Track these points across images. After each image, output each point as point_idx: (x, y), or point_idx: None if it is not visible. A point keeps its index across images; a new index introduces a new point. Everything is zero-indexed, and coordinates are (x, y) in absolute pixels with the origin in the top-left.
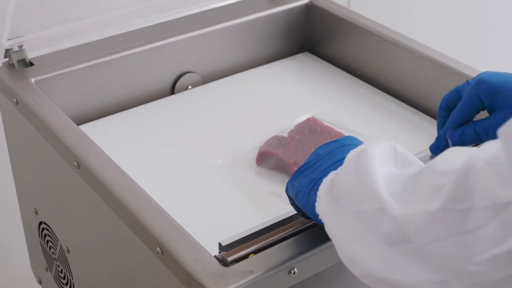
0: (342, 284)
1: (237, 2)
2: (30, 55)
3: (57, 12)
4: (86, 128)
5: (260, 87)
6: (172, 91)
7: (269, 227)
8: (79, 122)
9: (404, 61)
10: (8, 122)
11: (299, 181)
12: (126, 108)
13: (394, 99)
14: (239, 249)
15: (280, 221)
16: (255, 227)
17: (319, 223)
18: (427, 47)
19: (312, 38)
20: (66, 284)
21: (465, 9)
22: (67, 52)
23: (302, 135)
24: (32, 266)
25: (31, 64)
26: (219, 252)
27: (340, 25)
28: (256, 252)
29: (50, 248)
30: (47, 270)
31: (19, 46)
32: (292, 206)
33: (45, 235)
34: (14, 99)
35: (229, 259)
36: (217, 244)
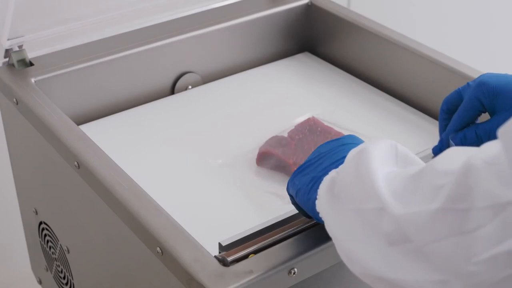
0: (342, 284)
1: (237, 2)
2: (30, 55)
3: (57, 12)
4: (86, 128)
5: (260, 87)
6: (172, 91)
7: (269, 227)
8: (79, 122)
9: (404, 61)
10: (8, 122)
11: (300, 179)
12: (126, 108)
13: (394, 99)
14: (239, 249)
15: (280, 221)
16: (255, 227)
17: (319, 221)
18: (427, 47)
19: (312, 38)
20: (66, 284)
21: (465, 9)
22: (67, 52)
23: (302, 135)
24: (32, 266)
25: (31, 64)
26: (219, 252)
27: (340, 25)
28: (256, 252)
29: (50, 248)
30: (47, 270)
31: (19, 46)
32: (293, 205)
33: (45, 235)
34: (14, 99)
35: (229, 259)
36: (217, 244)
